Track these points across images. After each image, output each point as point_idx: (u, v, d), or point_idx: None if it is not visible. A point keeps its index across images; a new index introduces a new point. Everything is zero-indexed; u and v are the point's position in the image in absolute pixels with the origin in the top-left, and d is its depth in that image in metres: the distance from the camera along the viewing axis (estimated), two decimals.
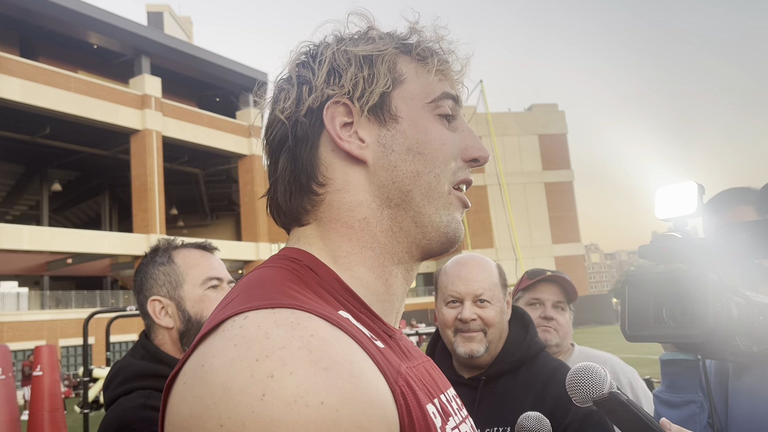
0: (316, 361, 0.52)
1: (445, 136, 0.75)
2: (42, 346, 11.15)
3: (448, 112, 0.77)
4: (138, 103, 31.16)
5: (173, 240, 1.65)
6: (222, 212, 46.07)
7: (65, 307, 30.77)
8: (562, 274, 2.25)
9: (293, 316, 0.57)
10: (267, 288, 0.64)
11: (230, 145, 35.99)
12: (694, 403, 1.34)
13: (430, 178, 0.73)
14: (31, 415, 10.50)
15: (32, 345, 22.07)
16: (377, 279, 0.73)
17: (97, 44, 31.63)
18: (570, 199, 53.14)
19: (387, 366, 0.60)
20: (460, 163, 0.77)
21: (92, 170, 36.56)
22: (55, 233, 28.94)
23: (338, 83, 0.74)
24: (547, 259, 49.90)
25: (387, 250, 0.74)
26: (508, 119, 52.11)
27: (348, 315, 0.65)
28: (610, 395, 0.90)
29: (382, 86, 0.74)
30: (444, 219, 0.74)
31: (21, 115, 27.31)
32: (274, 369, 0.51)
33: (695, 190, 1.09)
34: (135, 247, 30.25)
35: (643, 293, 1.15)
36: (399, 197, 0.73)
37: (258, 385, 0.51)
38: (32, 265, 33.71)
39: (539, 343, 1.73)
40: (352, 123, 0.74)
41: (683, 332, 1.08)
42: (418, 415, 0.59)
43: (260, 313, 0.58)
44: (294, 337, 0.54)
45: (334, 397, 0.51)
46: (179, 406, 0.55)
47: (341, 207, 0.73)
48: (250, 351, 0.53)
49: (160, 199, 31.17)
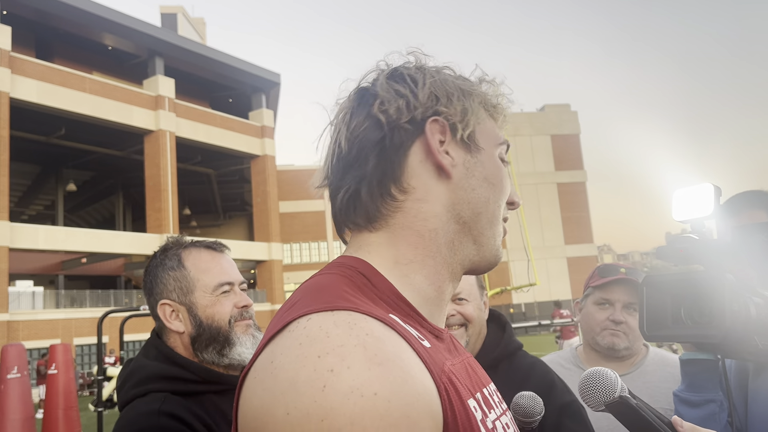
0: (371, 357, 0.59)
1: (505, 176, 0.85)
2: (57, 344, 11.26)
3: (504, 158, 0.87)
4: (152, 104, 31.39)
5: (182, 239, 1.63)
6: (234, 212, 46.30)
7: (80, 306, 31.04)
8: (635, 275, 2.06)
9: (351, 317, 0.63)
10: (326, 292, 0.70)
11: (243, 145, 36.15)
12: (714, 402, 1.35)
13: (495, 207, 0.83)
14: (46, 413, 10.61)
15: (47, 343, 22.30)
16: (431, 285, 0.79)
17: (112, 45, 31.91)
18: (583, 200, 52.86)
19: (432, 364, 0.66)
20: (504, 203, 0.86)
21: (106, 170, 36.88)
22: (70, 233, 29.22)
23: (444, 104, 0.80)
24: (559, 260, 49.70)
25: (446, 260, 0.80)
26: (521, 119, 51.91)
27: (397, 318, 0.71)
28: (620, 399, 0.91)
29: (477, 118, 0.83)
30: (496, 244, 0.84)
31: (37, 116, 27.61)
32: (333, 364, 0.58)
33: (712, 191, 1.11)
34: (148, 247, 30.45)
35: (660, 294, 1.16)
36: (469, 216, 0.81)
37: (320, 378, 0.57)
38: (47, 265, 34.06)
39: (516, 342, 1.79)
40: (444, 142, 0.80)
41: (701, 332, 1.09)
42: (459, 409, 0.65)
43: (321, 315, 0.64)
44: (351, 335, 0.61)
45: (386, 389, 0.57)
46: (251, 399, 0.62)
47: (417, 215, 0.79)
48: (312, 348, 0.60)
49: (173, 199, 31.39)
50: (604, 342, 2.05)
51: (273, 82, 38.53)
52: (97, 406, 8.28)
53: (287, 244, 42.40)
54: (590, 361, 2.11)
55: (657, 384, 1.98)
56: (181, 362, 1.47)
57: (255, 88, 38.26)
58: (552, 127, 52.66)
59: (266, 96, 38.93)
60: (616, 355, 2.06)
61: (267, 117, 38.41)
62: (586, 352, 2.16)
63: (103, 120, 29.05)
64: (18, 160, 29.63)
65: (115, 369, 10.22)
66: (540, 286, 36.67)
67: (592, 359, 2.12)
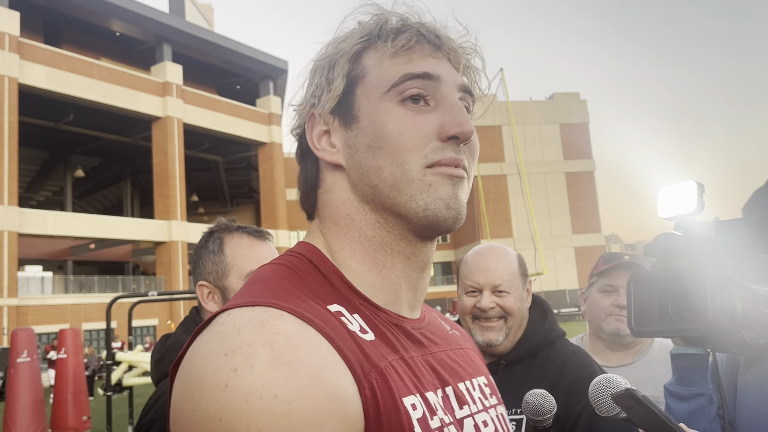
0: (277, 358, 0.58)
1: (403, 125, 0.73)
2: (66, 329, 11.37)
3: (417, 92, 0.74)
4: (159, 91, 31.44)
5: (229, 223, 1.65)
6: (242, 199, 46.47)
7: (88, 291, 31.33)
8: (639, 260, 2.07)
9: (267, 315, 0.62)
10: (258, 285, 0.71)
11: (250, 132, 36.21)
12: (703, 396, 1.36)
13: (393, 169, 0.73)
14: (56, 397, 10.74)
15: (56, 328, 22.52)
16: (370, 271, 0.76)
17: (120, 31, 31.94)
18: (591, 189, 52.71)
19: (361, 361, 0.64)
20: (437, 143, 0.74)
21: (115, 157, 37.06)
22: (79, 219, 29.43)
23: (316, 94, 0.79)
24: (566, 249, 49.67)
25: (376, 242, 0.76)
26: (529, 108, 51.72)
27: (341, 308, 0.71)
28: (627, 392, 0.93)
29: (339, 89, 0.77)
30: (421, 203, 0.73)
31: (45, 101, 27.74)
32: (238, 363, 0.57)
33: (695, 189, 1.13)
34: (156, 233, 30.65)
35: (648, 290, 1.18)
36: (371, 193, 0.75)
37: (223, 377, 0.57)
38: (56, 250, 34.34)
39: (558, 329, 1.75)
40: (328, 131, 0.79)
41: (687, 327, 1.11)
42: (387, 407, 0.63)
43: (239, 311, 0.64)
44: (261, 334, 0.60)
45: (289, 391, 0.56)
46: (173, 391, 0.63)
47: (330, 206, 0.79)
48: (221, 346, 0.60)
49: (181, 185, 31.51)
50: (609, 328, 2.04)
51: (281, 69, 38.49)
52: (106, 390, 8.38)
53: (294, 232, 42.51)
54: (596, 350, 2.11)
55: (662, 374, 1.98)
56: None
57: (263, 75, 38.24)
58: (561, 115, 52.43)
59: (274, 83, 38.93)
60: (621, 342, 2.06)
61: (274, 104, 38.41)
62: (592, 342, 2.16)
63: (111, 106, 29.14)
64: (27, 145, 29.80)
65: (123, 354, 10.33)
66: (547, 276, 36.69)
67: (597, 349, 2.12)
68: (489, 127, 46.84)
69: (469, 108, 0.80)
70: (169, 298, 8.75)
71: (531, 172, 47.84)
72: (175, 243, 30.78)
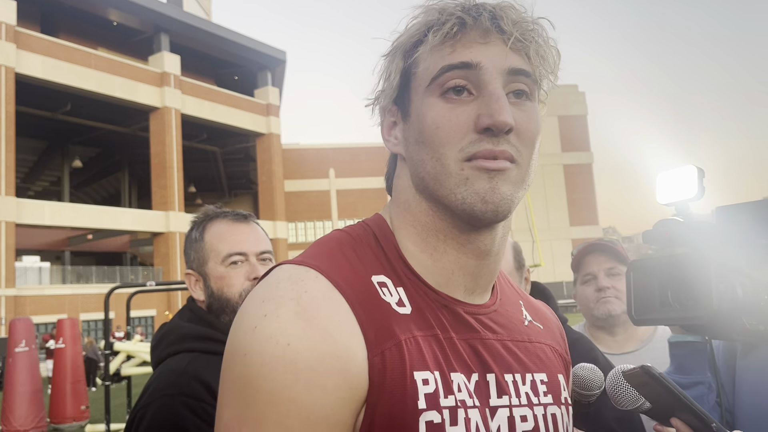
0: (300, 312, 0.67)
1: (439, 119, 0.74)
2: (64, 319, 11.37)
3: (457, 83, 0.74)
4: (157, 81, 31.29)
5: (213, 210, 1.65)
6: (240, 190, 46.36)
7: (86, 282, 31.28)
8: (607, 241, 2.09)
9: (305, 274, 0.71)
10: (314, 248, 0.78)
11: (248, 123, 36.08)
12: (702, 384, 1.36)
13: (434, 164, 0.75)
14: (54, 386, 10.74)
15: (54, 318, 22.49)
16: (422, 253, 0.79)
17: (117, 21, 31.73)
18: (589, 182, 52.69)
19: (379, 330, 0.69)
20: (473, 136, 0.73)
21: (112, 147, 36.92)
22: (76, 209, 29.34)
23: (379, 90, 0.83)
24: (564, 241, 49.70)
25: (429, 227, 0.79)
26: None
27: (387, 279, 0.76)
28: (642, 368, 0.91)
29: (394, 85, 0.80)
30: (459, 197, 0.73)
31: (42, 91, 27.59)
32: (268, 310, 0.67)
33: (695, 173, 1.12)
34: (154, 223, 30.59)
35: (647, 278, 1.17)
36: (420, 184, 0.78)
37: (255, 320, 0.67)
38: (54, 241, 34.26)
39: (560, 316, 1.74)
40: (395, 122, 0.83)
41: (689, 315, 1.10)
42: (396, 377, 0.68)
43: (288, 267, 0.73)
44: (293, 289, 0.69)
45: (301, 342, 0.65)
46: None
47: (396, 190, 0.85)
48: (262, 293, 0.70)
49: (178, 176, 31.42)
50: (599, 313, 2.04)
51: (279, 60, 38.31)
52: (104, 379, 8.39)
53: (292, 223, 42.46)
54: (597, 339, 2.11)
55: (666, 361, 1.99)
56: (214, 323, 1.53)
57: (261, 66, 38.06)
58: (559, 107, 52.31)
59: (272, 74, 38.74)
60: (617, 322, 2.06)
61: (272, 95, 38.26)
62: (591, 332, 2.16)
63: (109, 96, 29.00)
64: (24, 135, 29.67)
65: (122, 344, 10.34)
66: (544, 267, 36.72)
67: (598, 338, 2.12)
68: None
69: (527, 91, 0.76)
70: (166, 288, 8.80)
71: None
72: (172, 234, 30.72)
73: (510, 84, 0.75)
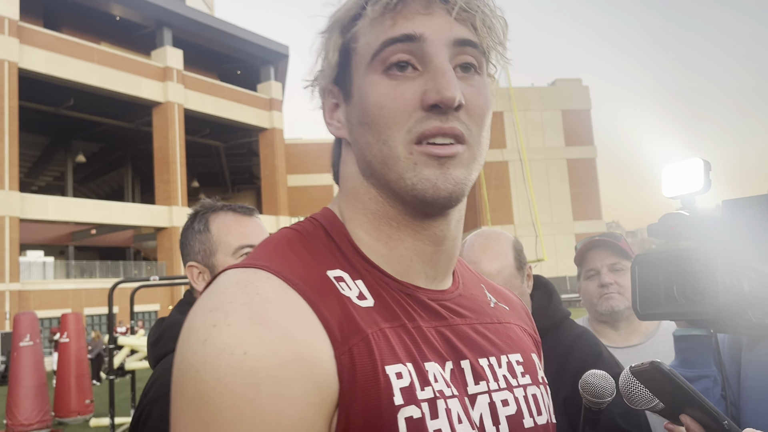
0: (253, 317, 0.60)
1: (383, 98, 0.69)
2: (68, 313, 11.41)
3: (400, 58, 0.69)
4: (160, 76, 31.28)
5: (213, 203, 1.65)
6: (243, 185, 46.39)
7: (90, 276, 31.37)
8: (610, 236, 2.08)
9: (254, 276, 0.65)
10: (261, 249, 0.74)
11: (251, 118, 36.07)
12: (707, 377, 1.35)
13: (380, 146, 0.70)
14: (59, 380, 10.79)
15: (58, 313, 22.58)
16: (377, 242, 0.75)
17: (120, 16, 31.70)
18: (592, 176, 52.55)
19: (344, 326, 0.65)
20: (420, 114, 0.68)
21: (115, 142, 36.96)
22: (80, 204, 29.40)
23: (316, 70, 0.78)
24: (567, 236, 49.63)
25: (380, 215, 0.75)
26: (531, 94, 51.43)
27: (344, 273, 0.71)
28: (652, 364, 0.91)
29: (333, 63, 0.75)
30: (409, 182, 0.69)
31: (45, 86, 27.60)
32: (218, 320, 0.61)
33: (701, 166, 1.11)
34: (157, 218, 30.63)
35: (653, 272, 1.17)
36: (367, 169, 0.74)
37: (204, 332, 0.61)
38: (57, 236, 34.35)
39: (563, 311, 1.73)
40: (338, 104, 0.78)
41: (695, 309, 1.09)
42: (366, 374, 0.63)
43: (234, 271, 0.67)
44: (243, 293, 0.63)
45: (258, 349, 0.58)
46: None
47: (343, 177, 0.80)
48: (209, 302, 0.64)
49: (182, 171, 31.45)
50: (602, 308, 2.05)
51: (281, 54, 38.25)
52: (108, 374, 8.42)
53: (295, 218, 42.45)
54: (600, 333, 2.11)
55: (669, 355, 1.99)
56: None
57: (263, 60, 38.01)
58: (563, 101, 52.15)
59: (275, 68, 38.70)
60: (620, 317, 2.06)
61: (275, 89, 38.22)
62: (594, 327, 2.16)
63: (112, 91, 29.01)
64: (27, 130, 29.72)
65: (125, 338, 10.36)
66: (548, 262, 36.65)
67: (601, 332, 2.12)
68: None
69: (475, 64, 0.72)
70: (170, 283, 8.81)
71: (532, 159, 47.68)
72: (176, 228, 30.74)
73: (456, 57, 0.70)
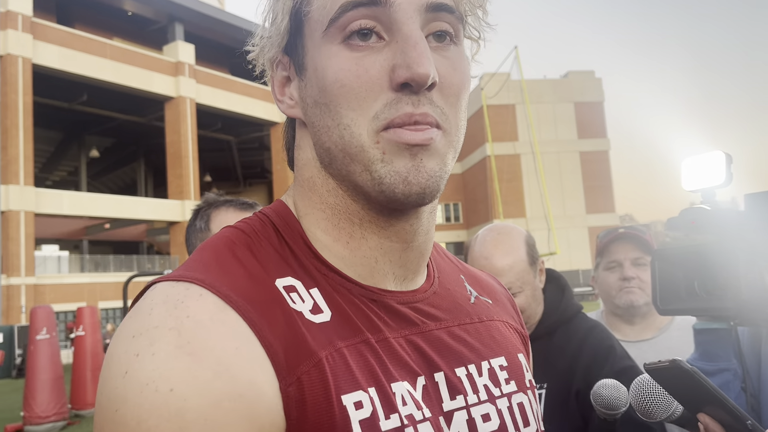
0: (182, 345, 0.51)
1: (344, 74, 0.58)
2: (84, 307, 11.51)
3: (365, 26, 0.58)
4: (172, 70, 31.39)
5: (215, 198, 1.63)
6: (255, 179, 46.51)
7: (104, 270, 31.64)
8: (635, 230, 2.05)
9: (185, 293, 0.55)
10: (197, 255, 0.63)
11: (262, 112, 36.13)
12: (728, 371, 1.34)
13: (341, 132, 0.59)
14: (74, 373, 10.90)
15: (73, 307, 22.77)
16: (336, 242, 0.65)
17: (132, 11, 31.82)
18: (605, 169, 52.20)
19: (290, 350, 0.55)
20: (389, 95, 0.58)
21: (128, 137, 37.16)
22: (94, 199, 29.61)
23: (263, 37, 0.68)
24: (580, 229, 49.38)
25: (340, 210, 0.65)
26: (544, 86, 51.11)
27: (296, 281, 0.61)
28: (673, 362, 0.89)
29: (281, 29, 0.64)
30: (375, 176, 0.59)
31: (59, 82, 27.78)
32: (141, 348, 0.51)
33: (723, 159, 1.09)
34: (170, 213, 30.80)
35: (672, 267, 1.16)
36: (326, 157, 0.63)
37: (126, 362, 0.51)
38: (72, 230, 34.63)
39: (575, 305, 1.73)
40: (289, 77, 0.67)
41: (716, 305, 1.09)
42: (317, 406, 0.54)
43: (164, 286, 0.57)
44: (171, 316, 0.53)
45: (187, 385, 0.49)
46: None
47: (298, 164, 0.69)
48: (131, 326, 0.54)
49: (194, 165, 31.58)
50: (621, 302, 2.02)
51: None
52: None
53: None
54: (614, 327, 2.09)
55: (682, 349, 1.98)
56: None
57: None
58: (575, 94, 51.79)
59: None
60: (638, 313, 2.04)
61: None
62: (609, 319, 2.15)
63: (124, 86, 29.14)
64: (42, 126, 29.94)
65: None
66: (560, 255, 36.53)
67: (615, 325, 2.11)
68: (503, 106, 46.43)
69: (451, 31, 0.62)
70: None
71: (545, 152, 47.42)
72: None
73: (429, 24, 0.60)
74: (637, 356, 1.96)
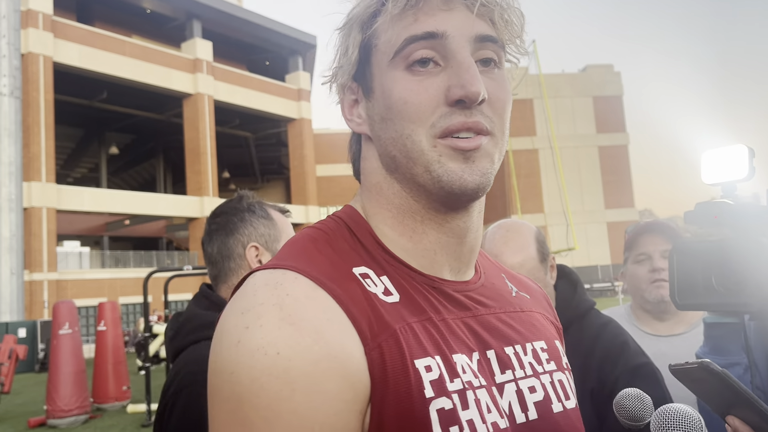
0: (284, 317, 0.62)
1: (407, 93, 0.70)
2: (105, 302, 11.67)
3: (425, 56, 0.70)
4: (190, 67, 31.60)
5: (255, 195, 1.67)
6: (272, 176, 46.72)
7: (124, 266, 32.00)
8: (665, 222, 2.01)
9: (282, 277, 0.66)
10: (286, 249, 0.74)
11: (280, 108, 36.25)
12: (739, 365, 1.33)
13: (405, 141, 0.71)
14: (96, 368, 11.06)
15: (95, 302, 23.11)
16: (401, 236, 0.76)
17: (150, 9, 32.07)
18: (624, 163, 51.69)
19: (372, 323, 0.66)
20: (444, 109, 0.70)
21: (147, 134, 37.50)
22: (114, 195, 29.94)
23: (336, 66, 0.79)
24: (599, 224, 49.00)
25: (404, 209, 0.76)
26: (562, 81, 50.70)
27: (369, 270, 0.72)
28: (702, 364, 0.87)
29: (353, 59, 0.76)
30: (435, 175, 0.70)
31: (79, 79, 28.10)
32: (250, 321, 0.62)
33: (746, 153, 1.07)
34: (189, 209, 31.06)
35: (691, 261, 1.14)
36: (392, 164, 0.75)
37: (237, 333, 0.62)
38: (92, 226, 35.08)
39: (588, 300, 1.70)
40: (357, 100, 0.79)
41: (734, 300, 1.07)
42: (396, 369, 0.64)
43: (263, 273, 0.68)
44: (273, 295, 0.64)
45: (291, 348, 0.60)
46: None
47: (365, 173, 0.81)
48: (240, 304, 0.65)
49: (212, 162, 31.79)
50: (652, 297, 1.97)
51: (310, 45, 38.30)
52: (144, 361, 8.61)
53: (324, 207, 42.68)
54: (643, 322, 2.06)
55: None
56: None
57: (292, 51, 38.11)
58: (594, 88, 51.30)
59: (303, 58, 38.78)
60: (667, 307, 1.98)
61: (304, 80, 38.31)
62: (637, 314, 2.10)
63: (143, 83, 29.41)
64: (63, 123, 30.33)
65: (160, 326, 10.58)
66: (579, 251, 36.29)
67: (644, 320, 2.07)
68: (520, 101, 46.14)
69: (495, 58, 0.73)
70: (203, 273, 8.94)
71: (563, 147, 47.06)
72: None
73: (477, 52, 0.72)
74: (669, 352, 1.91)
